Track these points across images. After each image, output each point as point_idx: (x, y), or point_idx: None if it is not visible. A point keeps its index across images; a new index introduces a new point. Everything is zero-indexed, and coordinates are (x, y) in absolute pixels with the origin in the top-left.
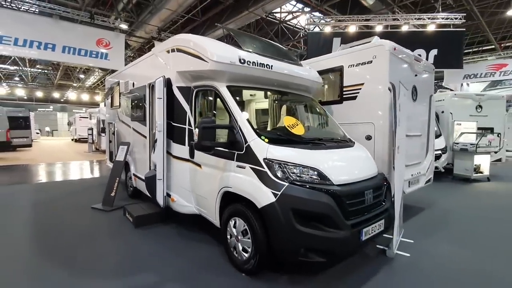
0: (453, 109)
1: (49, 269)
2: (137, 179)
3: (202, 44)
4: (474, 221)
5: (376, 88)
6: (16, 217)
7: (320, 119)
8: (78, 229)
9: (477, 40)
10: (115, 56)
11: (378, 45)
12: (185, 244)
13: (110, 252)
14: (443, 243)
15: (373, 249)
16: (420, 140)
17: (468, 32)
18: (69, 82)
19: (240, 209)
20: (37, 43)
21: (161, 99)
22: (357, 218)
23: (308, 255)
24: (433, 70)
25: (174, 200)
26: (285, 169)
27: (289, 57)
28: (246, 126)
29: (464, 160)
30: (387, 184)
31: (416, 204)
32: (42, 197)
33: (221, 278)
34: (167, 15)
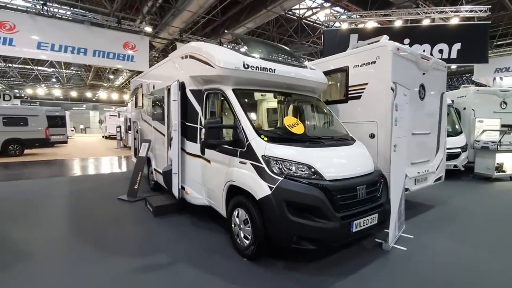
0: (475, 106)
1: (83, 246)
2: (157, 173)
3: (211, 51)
4: (484, 219)
5: (380, 88)
6: (57, 205)
7: (324, 118)
8: (106, 216)
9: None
10: (140, 58)
11: (382, 46)
12: (197, 231)
13: (133, 236)
14: (444, 239)
15: (371, 242)
16: (429, 138)
17: (500, 23)
18: (100, 82)
19: (242, 201)
20: (71, 48)
21: (176, 101)
22: (348, 211)
23: (300, 242)
24: (445, 68)
25: (188, 193)
26: (281, 165)
27: (294, 60)
28: (248, 126)
29: (486, 158)
30: (384, 181)
31: (425, 202)
32: (76, 188)
33: (226, 261)
34: (188, 17)
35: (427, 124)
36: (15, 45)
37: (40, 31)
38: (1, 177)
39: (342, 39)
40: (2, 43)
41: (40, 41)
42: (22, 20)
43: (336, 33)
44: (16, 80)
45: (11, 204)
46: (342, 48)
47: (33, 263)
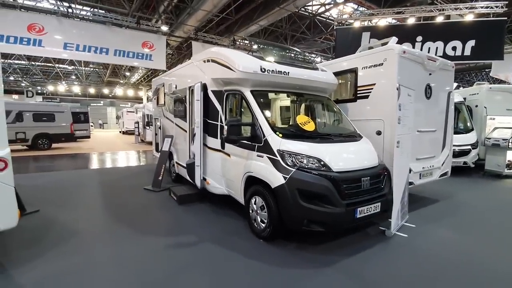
0: (488, 103)
1: (122, 226)
2: (179, 166)
3: (231, 56)
4: (488, 213)
5: (386, 88)
6: (90, 193)
7: (333, 116)
8: (136, 203)
9: None
10: (158, 57)
11: (389, 49)
12: (217, 217)
13: (162, 220)
14: (444, 229)
15: (375, 229)
16: (435, 135)
17: None
18: (116, 79)
19: (259, 190)
20: (94, 48)
21: (199, 101)
22: (353, 199)
23: (310, 225)
24: (453, 68)
25: (209, 183)
26: (294, 158)
27: (306, 62)
28: (265, 124)
29: (496, 155)
30: (387, 174)
31: (431, 196)
32: (104, 179)
33: (245, 242)
34: (203, 15)
35: (433, 122)
36: (44, 46)
37: (66, 32)
38: (35, 169)
39: (354, 37)
40: (32, 44)
41: (66, 42)
42: (50, 22)
43: (348, 31)
44: (38, 78)
45: (50, 192)
46: (354, 46)
47: (84, 239)
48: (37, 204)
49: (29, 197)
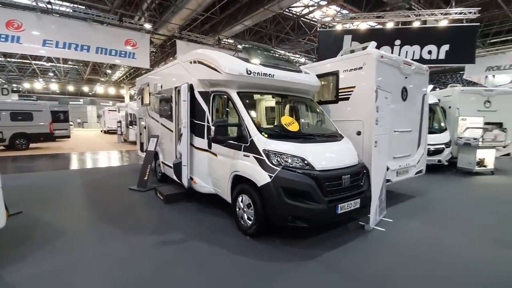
0: (460, 104)
1: (108, 225)
2: (165, 166)
3: (217, 58)
4: (457, 208)
5: (365, 91)
6: (75, 193)
7: (316, 117)
8: (122, 203)
9: (505, 29)
10: (141, 55)
11: (368, 54)
12: (204, 216)
13: (149, 219)
14: (418, 223)
15: (355, 224)
16: (410, 135)
17: (495, 21)
18: (97, 76)
19: (246, 188)
20: (75, 45)
21: (186, 101)
22: (334, 196)
23: (294, 221)
24: (427, 71)
25: (196, 182)
26: (279, 157)
27: (290, 65)
28: (251, 124)
29: (468, 154)
30: (366, 172)
31: (408, 193)
32: (88, 179)
33: (231, 239)
34: (187, 14)
35: (408, 122)
36: (22, 43)
37: (45, 29)
38: (14, 170)
39: (336, 39)
40: (11, 41)
41: (45, 39)
42: (28, 18)
43: (330, 34)
44: (14, 74)
45: (32, 193)
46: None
47: (71, 238)
48: (19, 205)
49: (10, 199)
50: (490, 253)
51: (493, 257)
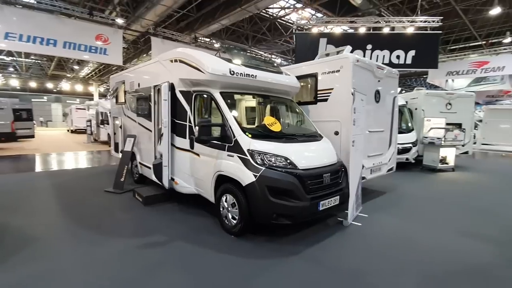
0: (425, 106)
1: (85, 230)
2: (143, 166)
3: (200, 58)
4: (424, 202)
5: (343, 92)
6: (45, 196)
7: (296, 117)
8: (97, 205)
9: (464, 37)
10: (113, 51)
11: (344, 58)
12: (186, 216)
13: (128, 221)
14: (391, 217)
15: (333, 220)
16: (383, 135)
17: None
18: (62, 72)
19: (230, 188)
20: (40, 39)
21: (166, 101)
22: (316, 193)
23: (278, 219)
24: (397, 76)
25: (177, 183)
26: (263, 157)
27: (272, 66)
28: (235, 125)
29: (432, 152)
30: (344, 170)
31: (380, 189)
32: (58, 182)
33: (216, 238)
34: (162, 10)
35: (381, 123)
36: None
37: (7, 21)
38: None
39: (312, 42)
40: None
41: (7, 32)
42: None
43: (307, 36)
44: None
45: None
46: (312, 51)
47: (47, 244)
48: None
49: None
50: (454, 243)
51: (457, 246)
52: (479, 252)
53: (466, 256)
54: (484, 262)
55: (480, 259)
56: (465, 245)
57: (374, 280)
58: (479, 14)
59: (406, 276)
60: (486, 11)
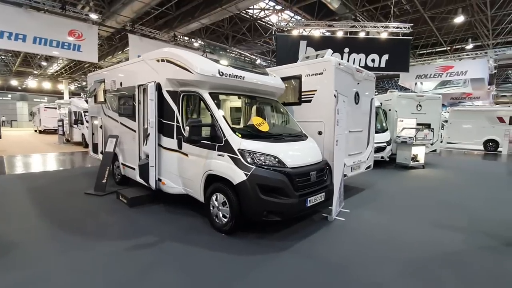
0: (398, 108)
1: (68, 234)
2: (125, 167)
3: (189, 59)
4: (399, 197)
5: (326, 94)
6: (20, 200)
7: (282, 117)
8: (78, 208)
9: (431, 42)
10: (88, 48)
11: (327, 61)
12: (174, 217)
13: (114, 224)
14: (370, 211)
15: (318, 216)
16: (361, 135)
17: (423, 35)
18: (29, 69)
19: (220, 187)
20: (8, 34)
21: (153, 101)
22: (304, 191)
23: (269, 215)
24: (374, 79)
25: (165, 183)
26: (253, 156)
27: (258, 68)
28: (225, 125)
29: (404, 150)
30: (329, 168)
31: (359, 186)
32: (33, 186)
33: (206, 237)
34: (140, 7)
35: (360, 123)
36: None
37: None
38: None
39: (293, 44)
40: None
41: None
42: None
43: (287, 38)
44: None
45: None
46: (293, 52)
47: (28, 250)
48: None
49: None
50: (429, 233)
51: (431, 236)
52: (451, 241)
53: (440, 245)
54: (456, 250)
55: (453, 248)
56: (439, 235)
57: (362, 270)
58: (445, 21)
59: (389, 264)
60: (451, 19)
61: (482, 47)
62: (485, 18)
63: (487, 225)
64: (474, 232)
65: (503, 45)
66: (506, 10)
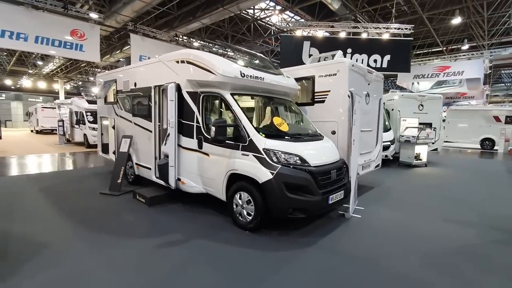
0: (400, 107)
1: (92, 234)
2: (140, 167)
3: (211, 60)
4: (407, 194)
5: (339, 95)
6: (38, 201)
7: (297, 117)
8: (97, 208)
9: (427, 43)
10: (90, 48)
11: (341, 62)
12: (195, 215)
13: (136, 222)
14: (383, 208)
15: (335, 214)
16: (371, 134)
17: (420, 36)
18: (23, 68)
19: (244, 185)
20: (9, 33)
21: (173, 101)
22: (326, 189)
23: (294, 213)
24: (382, 79)
25: (184, 183)
26: (278, 155)
27: (274, 68)
28: (248, 125)
29: (407, 149)
30: (346, 167)
31: (368, 184)
32: (44, 186)
33: (231, 234)
34: (141, 6)
35: (370, 123)
36: None
37: None
38: None
39: (296, 44)
40: None
41: None
42: None
43: (291, 39)
44: None
45: None
46: (297, 52)
47: (59, 250)
48: None
49: None
50: (442, 228)
51: (445, 231)
52: (465, 235)
53: (455, 239)
54: (471, 243)
55: (467, 241)
56: (452, 230)
57: (387, 263)
58: (442, 22)
59: (410, 257)
60: (449, 20)
61: (477, 47)
62: (481, 20)
63: (496, 220)
64: (484, 227)
65: (497, 46)
66: (502, 12)
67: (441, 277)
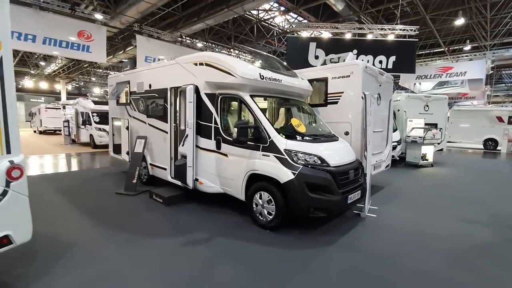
0: (406, 108)
1: (117, 233)
2: (154, 167)
3: (230, 62)
4: (417, 194)
5: (353, 96)
6: (54, 201)
7: (310, 118)
8: (116, 208)
9: (429, 44)
10: (97, 49)
11: (355, 64)
12: (214, 215)
13: (157, 222)
14: (397, 208)
15: (350, 213)
16: (382, 135)
17: (422, 36)
18: (25, 69)
19: (265, 185)
20: (17, 34)
21: (191, 103)
22: (345, 188)
23: (315, 212)
24: (392, 80)
25: (202, 183)
26: (299, 156)
27: (289, 70)
28: (269, 126)
29: (414, 150)
30: (362, 167)
31: (378, 184)
32: (59, 186)
33: (252, 233)
34: (145, 7)
35: (381, 124)
36: None
37: None
38: None
39: (302, 45)
40: None
41: None
42: None
43: (297, 40)
44: None
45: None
46: (303, 54)
47: (88, 249)
48: None
49: None
50: (457, 227)
51: (460, 230)
52: (480, 234)
53: (471, 238)
54: (487, 242)
55: (483, 240)
56: (467, 229)
57: (409, 260)
58: (445, 23)
59: (431, 255)
60: (451, 21)
61: (479, 48)
62: (484, 21)
63: (508, 219)
64: (498, 226)
65: (499, 47)
66: (504, 13)
67: (465, 274)
